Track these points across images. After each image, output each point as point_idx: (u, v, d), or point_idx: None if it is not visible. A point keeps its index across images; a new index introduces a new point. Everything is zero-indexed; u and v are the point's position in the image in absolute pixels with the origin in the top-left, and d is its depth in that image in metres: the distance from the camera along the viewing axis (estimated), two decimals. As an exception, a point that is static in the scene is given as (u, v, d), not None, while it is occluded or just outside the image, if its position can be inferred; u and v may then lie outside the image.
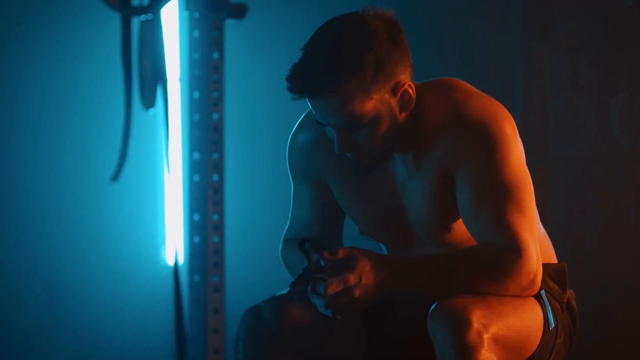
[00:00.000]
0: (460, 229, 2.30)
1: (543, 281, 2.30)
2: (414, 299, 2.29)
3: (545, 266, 2.34)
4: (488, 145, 2.19)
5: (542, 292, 2.26)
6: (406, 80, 2.21)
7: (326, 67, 2.13)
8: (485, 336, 2.10)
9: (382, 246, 2.46)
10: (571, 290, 2.41)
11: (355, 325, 2.39)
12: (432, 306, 2.15)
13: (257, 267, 2.88)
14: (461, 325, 2.10)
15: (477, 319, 2.10)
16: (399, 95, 2.20)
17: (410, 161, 2.28)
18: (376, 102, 2.17)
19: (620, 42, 4.09)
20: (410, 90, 2.21)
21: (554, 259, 2.43)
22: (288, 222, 2.50)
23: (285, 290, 2.24)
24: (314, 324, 2.30)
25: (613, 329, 4.11)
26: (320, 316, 2.18)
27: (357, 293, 2.12)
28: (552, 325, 2.26)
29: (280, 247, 2.50)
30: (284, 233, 2.51)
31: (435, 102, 2.25)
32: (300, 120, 2.42)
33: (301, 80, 2.15)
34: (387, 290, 2.16)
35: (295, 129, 2.41)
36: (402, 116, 2.23)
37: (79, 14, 3.98)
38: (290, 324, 2.32)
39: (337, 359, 2.36)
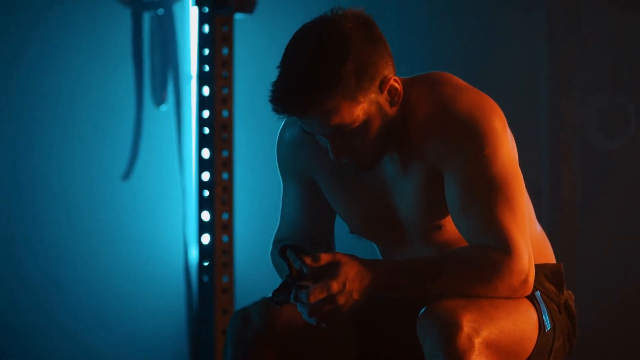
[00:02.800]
0: (451, 227, 2.23)
1: (539, 282, 2.23)
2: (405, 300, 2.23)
3: (542, 267, 2.27)
4: (476, 142, 2.13)
5: (537, 293, 2.19)
6: (390, 74, 2.15)
7: (307, 86, 2.08)
8: (476, 340, 2.03)
9: (374, 245, 2.40)
10: (569, 292, 2.34)
11: (346, 329, 2.33)
12: (422, 310, 2.08)
13: (267, 267, 2.80)
14: (450, 329, 2.03)
15: (467, 322, 2.03)
16: (385, 91, 2.15)
17: (399, 159, 2.22)
18: (365, 105, 2.13)
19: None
20: (397, 84, 2.15)
21: (551, 259, 2.36)
22: (278, 222, 2.44)
23: (276, 293, 2.18)
24: (303, 327, 2.22)
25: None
26: None
27: (341, 300, 2.06)
28: (548, 327, 2.19)
29: (270, 249, 2.44)
30: (274, 234, 2.45)
31: (422, 97, 2.19)
32: None
33: (284, 102, 2.10)
34: (372, 296, 2.09)
35: (283, 125, 2.36)
36: (393, 110, 2.18)
37: (89, 9, 3.94)
38: (279, 327, 2.25)
39: None
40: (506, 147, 2.14)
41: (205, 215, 3.58)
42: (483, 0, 4.19)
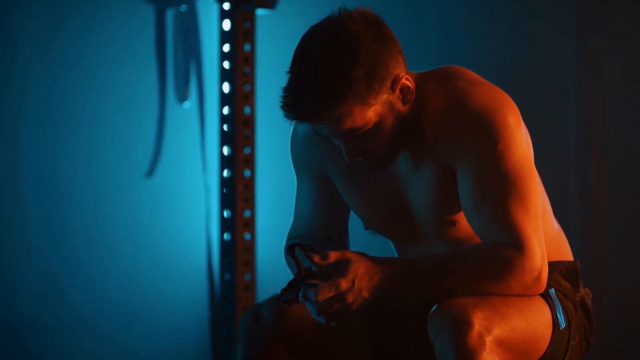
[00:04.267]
0: (465, 223, 2.19)
1: (554, 279, 2.20)
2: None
3: (557, 264, 2.24)
4: (489, 136, 2.09)
5: (552, 290, 2.16)
6: (402, 73, 2.12)
7: (317, 94, 2.06)
8: (488, 339, 2.00)
9: (389, 241, 2.37)
10: (586, 289, 2.30)
11: (357, 326, 2.30)
12: (433, 308, 2.06)
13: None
14: (461, 327, 2.00)
15: (478, 320, 2.01)
16: (397, 90, 2.12)
17: (412, 155, 2.19)
18: (377, 107, 2.10)
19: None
20: (408, 82, 2.12)
21: (568, 256, 2.31)
22: (292, 219, 2.41)
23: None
24: (314, 324, 2.19)
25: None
26: None
27: (349, 298, 2.04)
28: (562, 325, 2.15)
29: (283, 245, 2.42)
30: (288, 230, 2.42)
31: (435, 92, 2.17)
32: None
33: (294, 109, 2.09)
34: (382, 294, 2.07)
35: None
36: (406, 108, 2.15)
37: (112, 6, 3.94)
38: (289, 324, 2.24)
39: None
40: (520, 143, 2.11)
41: (227, 213, 3.56)
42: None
